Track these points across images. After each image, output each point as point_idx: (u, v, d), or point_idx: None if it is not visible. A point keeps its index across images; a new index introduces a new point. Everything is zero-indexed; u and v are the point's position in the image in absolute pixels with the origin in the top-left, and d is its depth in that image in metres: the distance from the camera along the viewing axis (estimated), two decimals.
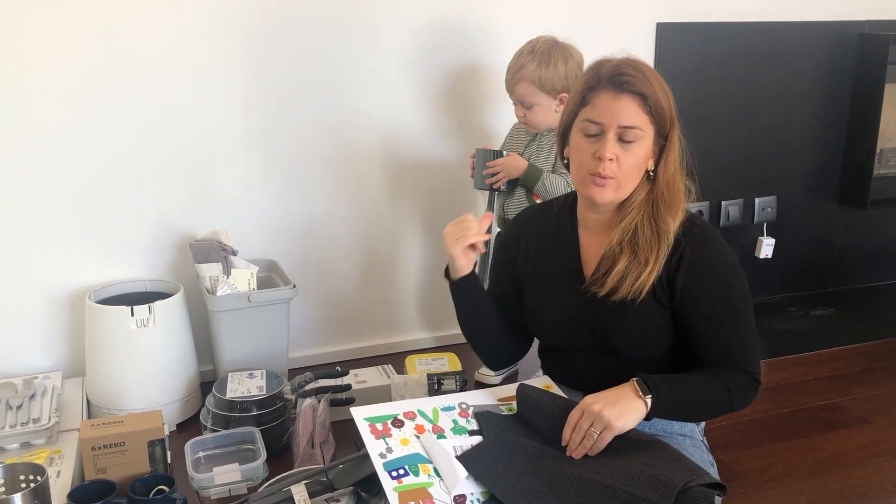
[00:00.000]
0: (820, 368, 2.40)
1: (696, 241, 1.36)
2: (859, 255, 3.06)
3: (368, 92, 2.26)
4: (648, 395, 1.29)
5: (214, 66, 2.10)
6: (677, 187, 1.38)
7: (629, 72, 1.32)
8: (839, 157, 2.92)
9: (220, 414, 1.83)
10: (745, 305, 1.38)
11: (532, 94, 1.99)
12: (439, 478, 1.28)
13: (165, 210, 2.14)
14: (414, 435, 1.34)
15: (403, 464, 1.28)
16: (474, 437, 1.36)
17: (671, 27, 2.55)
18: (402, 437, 1.33)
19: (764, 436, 2.01)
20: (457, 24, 2.31)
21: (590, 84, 1.36)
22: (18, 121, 1.96)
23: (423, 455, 1.31)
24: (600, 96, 1.34)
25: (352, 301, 2.41)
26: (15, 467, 1.54)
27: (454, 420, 1.39)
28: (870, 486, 1.79)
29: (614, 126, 1.33)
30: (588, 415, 1.29)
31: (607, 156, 1.33)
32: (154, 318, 1.94)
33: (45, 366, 2.11)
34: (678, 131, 1.38)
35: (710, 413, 1.43)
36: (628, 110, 1.32)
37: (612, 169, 1.34)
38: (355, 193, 2.33)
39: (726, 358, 1.36)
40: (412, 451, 1.31)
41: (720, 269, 1.37)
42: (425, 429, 1.36)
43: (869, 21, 2.80)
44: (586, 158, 1.36)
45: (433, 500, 1.23)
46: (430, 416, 1.38)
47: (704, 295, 1.36)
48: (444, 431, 1.36)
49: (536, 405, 1.39)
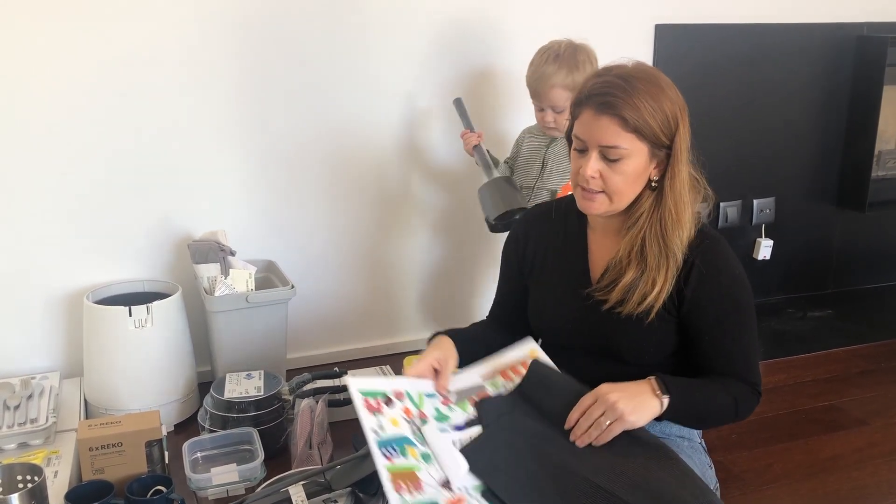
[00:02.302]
0: (818, 370, 2.40)
1: (706, 254, 1.35)
2: (857, 256, 3.06)
3: (367, 93, 2.26)
4: (666, 395, 1.28)
5: (212, 67, 2.10)
6: (685, 202, 1.35)
7: (613, 92, 1.28)
8: (837, 159, 2.92)
9: (218, 414, 1.83)
10: (750, 317, 1.38)
11: (566, 99, 1.99)
12: (427, 464, 1.28)
13: (163, 210, 2.14)
14: (403, 417, 1.34)
15: (393, 444, 1.28)
16: (472, 427, 1.36)
17: (670, 29, 2.55)
18: (392, 417, 1.33)
19: (762, 437, 2.01)
20: (456, 27, 2.31)
21: (578, 99, 1.35)
22: (17, 122, 1.96)
23: (410, 438, 1.31)
24: (583, 114, 1.33)
25: (350, 302, 2.41)
26: (12, 467, 1.53)
27: (436, 408, 1.38)
28: (867, 487, 1.79)
29: (595, 145, 1.32)
30: (601, 403, 1.26)
31: (589, 173, 1.32)
32: (152, 319, 1.94)
33: (42, 366, 2.11)
34: (685, 140, 1.34)
35: (714, 422, 1.43)
36: (608, 131, 1.29)
37: (598, 184, 1.34)
38: (354, 194, 2.33)
39: (729, 368, 1.36)
40: (401, 433, 1.31)
41: (729, 282, 1.36)
42: (412, 413, 1.35)
43: (867, 23, 2.80)
44: (574, 172, 1.37)
45: (421, 483, 1.24)
46: (416, 400, 1.38)
47: (712, 306, 1.35)
48: (427, 418, 1.35)
49: (546, 384, 1.36)
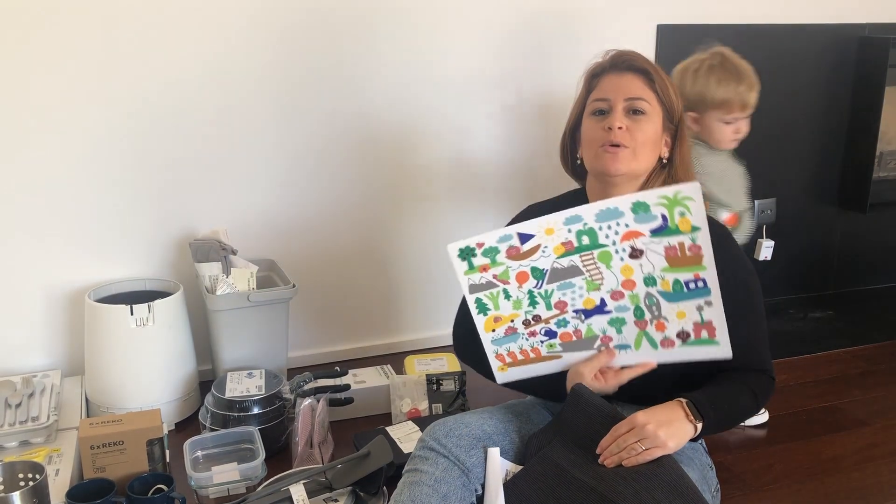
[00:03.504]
0: (819, 371, 2.40)
1: (715, 240, 1.36)
2: (858, 257, 3.06)
3: (368, 93, 2.26)
4: (700, 420, 1.28)
5: (214, 66, 2.10)
6: (690, 167, 1.45)
7: (635, 56, 1.42)
8: (839, 160, 2.92)
9: (219, 413, 1.83)
10: (760, 305, 1.40)
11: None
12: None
13: (165, 209, 2.14)
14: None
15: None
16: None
17: (672, 29, 2.55)
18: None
19: (762, 438, 2.01)
20: (462, 26, 2.31)
21: (594, 72, 1.45)
22: (19, 119, 1.97)
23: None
24: (605, 78, 1.42)
25: (351, 301, 2.41)
26: (14, 466, 1.54)
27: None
28: (868, 488, 1.79)
29: (621, 99, 1.39)
30: (637, 432, 1.25)
31: (616, 124, 1.37)
32: (153, 317, 1.94)
33: (44, 364, 2.11)
34: (686, 129, 1.46)
35: (740, 422, 1.44)
36: (634, 84, 1.40)
37: (624, 137, 1.37)
38: (355, 193, 2.33)
39: (743, 356, 1.36)
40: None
41: (741, 269, 1.38)
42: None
43: (869, 24, 2.80)
44: (597, 132, 1.40)
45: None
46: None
47: (725, 293, 1.36)
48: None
49: (584, 408, 1.35)
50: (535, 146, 2.47)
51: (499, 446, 1.37)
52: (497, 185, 2.46)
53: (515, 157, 2.47)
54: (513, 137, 2.45)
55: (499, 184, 2.46)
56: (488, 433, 1.38)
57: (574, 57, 2.42)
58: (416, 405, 1.98)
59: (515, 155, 2.46)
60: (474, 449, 1.34)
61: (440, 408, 1.99)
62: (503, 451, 1.37)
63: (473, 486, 1.32)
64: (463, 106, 2.37)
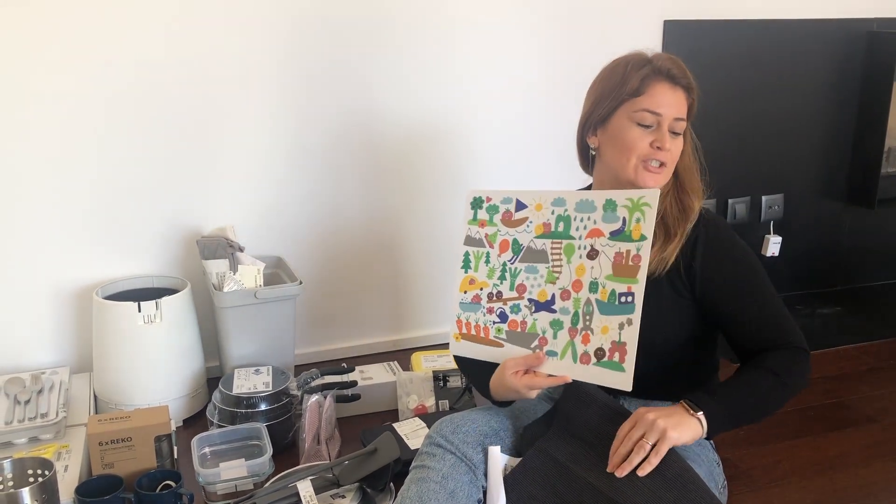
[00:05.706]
0: (826, 367, 2.39)
1: (709, 227, 1.39)
2: (866, 253, 3.05)
3: (374, 91, 2.26)
4: (699, 411, 1.26)
5: (221, 63, 2.10)
6: (694, 172, 1.44)
7: (682, 66, 1.41)
8: (847, 156, 2.90)
9: (227, 410, 1.84)
10: (766, 280, 1.38)
11: None
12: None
13: (173, 206, 2.15)
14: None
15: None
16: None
17: (678, 24, 2.54)
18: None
19: (770, 434, 2.00)
20: (469, 26, 2.30)
21: (646, 73, 1.38)
22: (26, 118, 1.97)
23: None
24: (657, 87, 1.38)
25: (358, 298, 2.41)
26: (23, 462, 1.54)
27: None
28: (876, 485, 1.79)
29: (670, 118, 1.37)
30: (641, 424, 1.23)
31: (667, 146, 1.37)
32: (161, 314, 1.95)
33: (52, 361, 2.12)
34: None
35: (774, 404, 1.36)
36: (682, 104, 1.39)
37: (667, 157, 1.38)
38: (362, 190, 2.33)
39: (762, 335, 1.35)
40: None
41: (738, 250, 1.39)
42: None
43: (878, 19, 2.79)
44: (643, 147, 1.37)
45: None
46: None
47: (727, 275, 1.36)
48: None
49: (587, 401, 1.33)
50: (540, 145, 2.46)
51: (506, 443, 1.37)
52: (504, 183, 2.46)
53: (521, 156, 2.46)
54: (518, 136, 2.44)
55: (505, 181, 2.46)
56: (495, 429, 1.38)
57: (581, 54, 2.42)
58: (423, 402, 1.98)
59: (520, 154, 2.46)
60: (481, 445, 1.35)
61: (447, 404, 1.99)
62: (509, 448, 1.37)
63: (480, 483, 1.33)
64: (469, 104, 2.37)
